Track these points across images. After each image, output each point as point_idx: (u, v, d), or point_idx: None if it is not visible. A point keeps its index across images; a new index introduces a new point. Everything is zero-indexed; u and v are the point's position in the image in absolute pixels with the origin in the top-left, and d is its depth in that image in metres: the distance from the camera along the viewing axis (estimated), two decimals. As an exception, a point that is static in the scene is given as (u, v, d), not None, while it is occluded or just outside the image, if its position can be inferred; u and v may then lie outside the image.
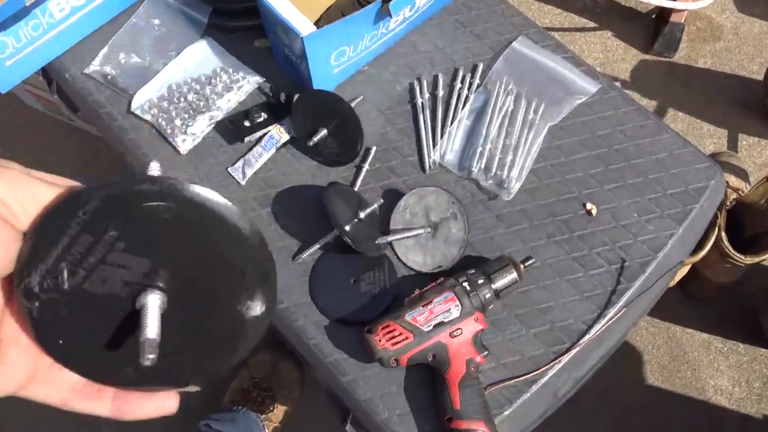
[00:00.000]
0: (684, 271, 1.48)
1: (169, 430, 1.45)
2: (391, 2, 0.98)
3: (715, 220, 1.37)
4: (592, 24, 1.88)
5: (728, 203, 1.46)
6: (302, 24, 0.95)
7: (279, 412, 1.44)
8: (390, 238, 0.93)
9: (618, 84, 1.72)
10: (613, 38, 1.86)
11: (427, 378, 0.90)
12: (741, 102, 1.76)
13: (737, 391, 1.46)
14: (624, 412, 1.44)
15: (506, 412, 0.88)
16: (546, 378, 0.90)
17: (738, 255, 1.38)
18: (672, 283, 1.46)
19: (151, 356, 0.33)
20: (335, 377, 0.92)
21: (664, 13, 1.81)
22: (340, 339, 0.93)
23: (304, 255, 0.97)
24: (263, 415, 1.42)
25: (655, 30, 1.84)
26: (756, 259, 1.37)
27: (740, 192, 1.55)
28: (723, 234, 1.38)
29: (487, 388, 0.89)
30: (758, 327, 1.50)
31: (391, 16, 1.01)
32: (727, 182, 1.55)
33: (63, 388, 0.38)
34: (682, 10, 1.73)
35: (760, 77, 1.74)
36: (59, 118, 1.74)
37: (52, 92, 1.18)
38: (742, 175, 1.60)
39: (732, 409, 1.44)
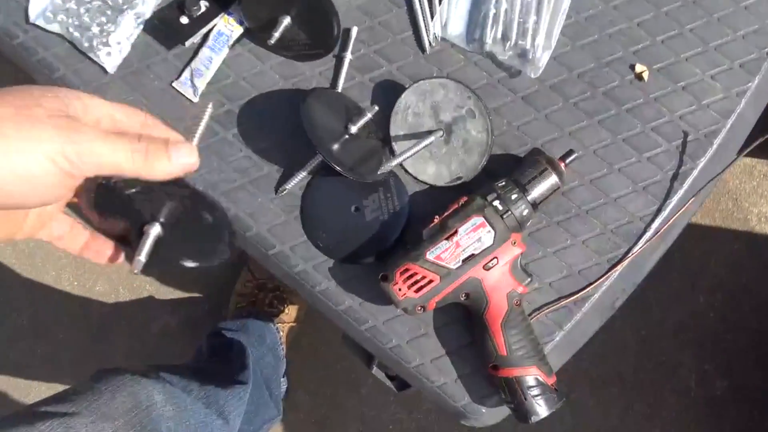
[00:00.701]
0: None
1: (177, 340, 1.37)
2: None
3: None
4: None
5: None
6: None
7: (291, 311, 1.34)
8: (393, 162, 0.73)
9: None
10: None
11: (462, 314, 0.76)
12: None
13: (784, 216, 1.34)
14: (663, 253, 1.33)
15: (556, 339, 0.76)
16: (600, 292, 0.76)
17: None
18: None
19: (136, 271, 0.51)
20: (353, 326, 0.78)
21: None
22: (351, 281, 0.77)
23: (289, 185, 0.78)
24: (275, 318, 1.32)
25: None
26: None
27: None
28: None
29: (533, 314, 0.75)
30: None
31: None
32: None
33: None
34: None
35: None
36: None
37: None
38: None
39: (778, 236, 1.33)
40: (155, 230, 0.53)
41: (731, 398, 1.32)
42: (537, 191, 0.71)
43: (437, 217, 0.72)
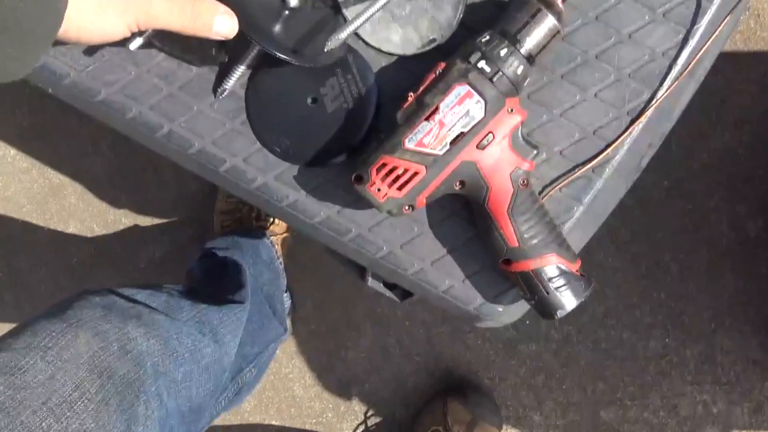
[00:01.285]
0: None
1: (168, 271, 1.28)
2: None
3: None
4: None
5: None
6: None
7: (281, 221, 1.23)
8: (345, 31, 0.57)
9: None
10: None
11: (461, 204, 0.63)
12: None
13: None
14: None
15: (576, 216, 0.63)
16: (623, 152, 0.62)
17: None
18: None
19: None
20: (334, 238, 0.65)
21: None
22: (323, 187, 0.64)
23: (228, 84, 0.63)
24: (267, 231, 1.20)
25: None
26: None
27: None
28: None
29: (543, 192, 0.62)
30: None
31: None
32: None
33: None
34: None
35: None
36: None
37: None
38: None
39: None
40: None
41: (766, 238, 1.21)
42: (531, 40, 0.56)
43: (411, 94, 0.58)
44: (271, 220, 1.22)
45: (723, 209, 1.22)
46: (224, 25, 0.54)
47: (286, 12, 0.59)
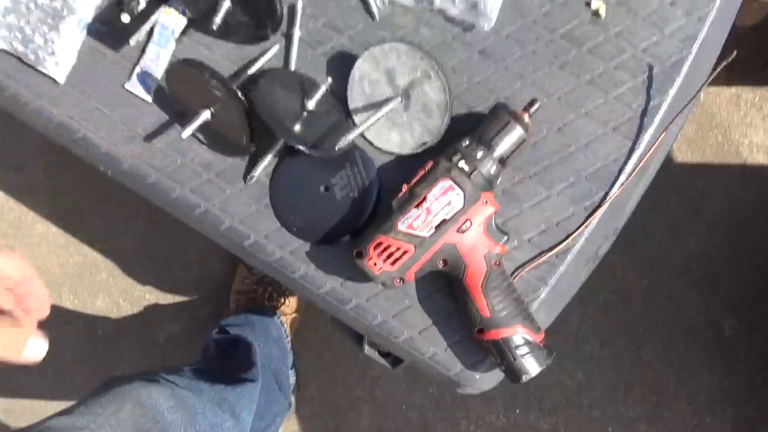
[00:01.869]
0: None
1: (184, 347, 1.37)
2: None
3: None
4: None
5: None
6: None
7: (291, 302, 1.33)
8: (353, 134, 0.72)
9: None
10: None
11: (445, 281, 0.74)
12: None
13: (776, 143, 1.30)
14: (656, 198, 1.31)
15: (542, 295, 0.74)
16: (581, 242, 0.74)
17: (768, -10, 1.13)
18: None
19: (183, 136, 0.73)
20: (337, 307, 0.76)
21: None
22: (330, 263, 0.76)
23: (256, 172, 0.76)
24: (277, 311, 1.31)
25: None
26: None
27: None
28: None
29: (514, 273, 0.73)
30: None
31: None
32: None
33: None
34: None
35: None
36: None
37: None
38: None
39: (771, 164, 1.30)
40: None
41: (741, 336, 1.30)
42: (502, 146, 0.69)
43: (405, 185, 0.70)
44: (282, 300, 1.33)
45: (700, 307, 1.31)
46: (34, 351, 0.55)
47: (305, 114, 0.73)
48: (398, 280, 0.70)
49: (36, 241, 1.46)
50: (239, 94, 0.71)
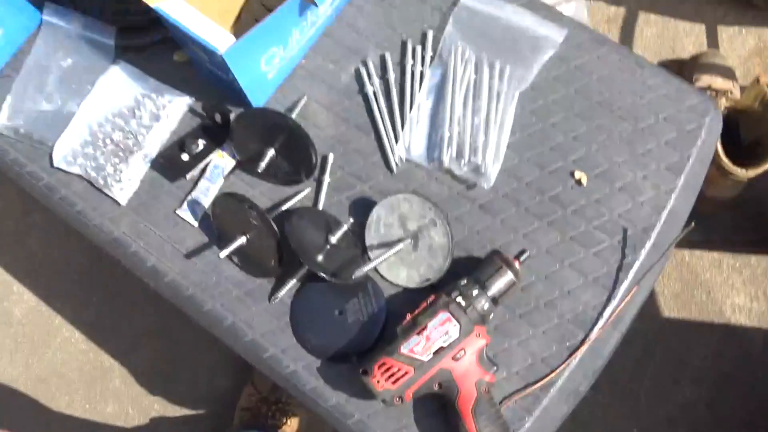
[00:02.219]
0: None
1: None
2: (314, -10, 0.85)
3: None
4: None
5: (720, 110, 1.36)
6: (218, 37, 0.82)
7: (293, 422, 1.39)
8: (368, 267, 0.84)
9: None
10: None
11: (439, 405, 0.82)
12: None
13: (756, 306, 1.40)
14: (643, 349, 1.39)
15: (527, 425, 0.82)
16: (563, 378, 0.83)
17: (738, 169, 1.29)
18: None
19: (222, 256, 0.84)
20: (340, 421, 0.84)
21: None
22: (337, 379, 0.85)
23: (281, 293, 0.87)
24: (279, 430, 1.36)
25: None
26: (758, 171, 1.29)
27: (729, 93, 1.44)
28: (720, 149, 1.29)
29: (502, 402, 0.82)
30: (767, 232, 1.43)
31: (316, 5, 0.87)
32: (711, 86, 1.45)
33: None
34: None
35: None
36: None
37: (-36, 157, 1.04)
38: (729, 74, 1.49)
39: (753, 326, 1.39)
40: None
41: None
42: (495, 287, 0.81)
43: (409, 314, 0.81)
44: (285, 420, 1.39)
45: (687, 458, 1.35)
46: None
47: (328, 247, 0.85)
48: (398, 399, 0.78)
49: (60, 344, 1.54)
50: (273, 225, 0.84)
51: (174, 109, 0.96)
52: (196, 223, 0.92)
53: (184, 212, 0.92)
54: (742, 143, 1.38)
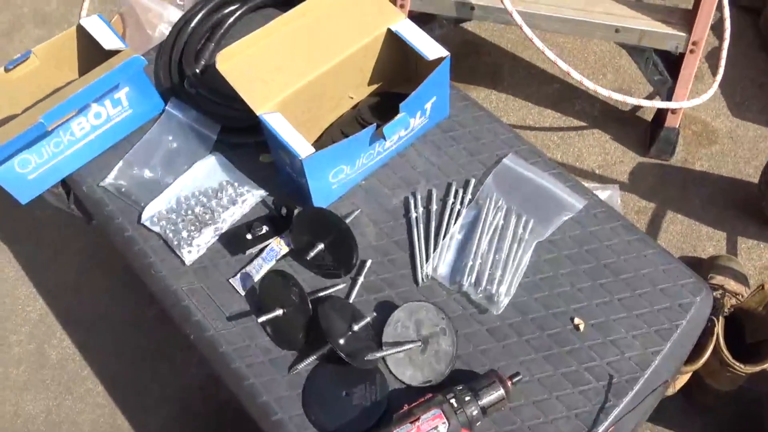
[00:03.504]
0: (686, 378, 1.48)
1: None
2: (385, 127, 1.05)
3: (713, 327, 1.38)
4: (590, 127, 1.95)
5: (727, 309, 1.47)
6: (302, 147, 1.02)
7: None
8: (380, 354, 0.96)
9: (617, 186, 1.77)
10: (611, 141, 1.92)
11: (416, 496, 0.90)
12: (738, 205, 1.79)
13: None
14: None
15: None
16: (534, 498, 0.90)
17: (738, 364, 1.37)
18: (674, 390, 1.46)
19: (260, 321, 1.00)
20: (325, 493, 0.92)
21: (659, 118, 1.87)
22: (331, 453, 0.94)
23: (300, 366, 0.99)
24: None
25: (651, 134, 1.90)
26: (757, 368, 1.37)
27: (740, 297, 1.55)
28: (722, 342, 1.39)
29: (475, 507, 0.89)
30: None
31: (385, 139, 1.08)
32: (724, 287, 1.57)
33: None
34: (677, 114, 1.80)
35: (756, 180, 1.78)
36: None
37: (69, 202, 1.25)
38: (742, 279, 1.61)
39: None
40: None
41: None
42: (486, 398, 0.91)
43: (407, 405, 0.91)
44: None
45: None
46: None
47: (350, 333, 0.98)
48: (381, 479, 0.87)
49: (82, 394, 1.65)
50: (309, 304, 0.98)
51: (249, 198, 1.15)
52: (243, 293, 1.07)
53: (236, 281, 1.08)
54: (745, 341, 1.47)
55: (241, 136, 1.20)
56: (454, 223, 1.10)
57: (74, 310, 1.75)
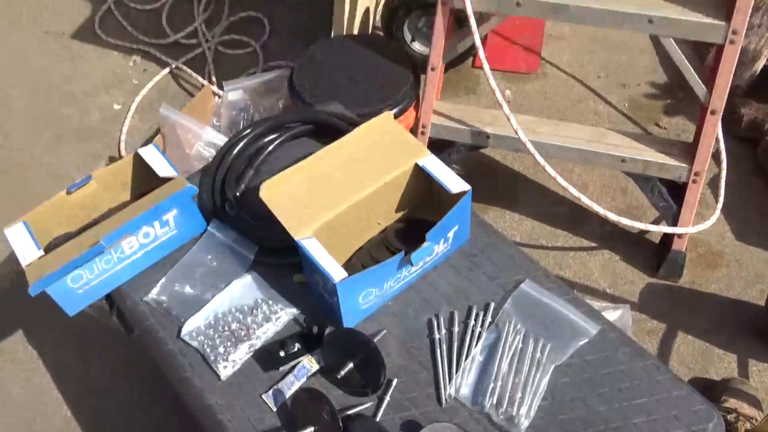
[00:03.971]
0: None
1: None
2: (413, 254, 1.14)
3: (728, 451, 1.40)
4: (600, 248, 2.04)
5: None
6: (335, 271, 1.11)
7: None
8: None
9: (628, 307, 1.84)
10: (621, 262, 2.01)
11: None
12: (746, 327, 1.84)
13: None
14: None
15: None
16: None
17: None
18: None
19: None
20: None
21: (666, 241, 1.97)
22: None
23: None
24: None
25: (659, 256, 1.99)
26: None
27: (754, 421, 1.58)
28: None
29: None
30: None
31: (412, 265, 1.17)
32: (738, 411, 1.60)
33: None
34: (683, 238, 1.89)
35: (762, 303, 1.84)
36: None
37: (112, 315, 1.33)
38: (755, 403, 1.64)
39: None
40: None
41: None
42: None
43: None
44: None
45: None
46: None
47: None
48: None
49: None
50: (340, 422, 1.03)
51: (283, 316, 1.23)
52: (275, 408, 1.12)
53: (268, 397, 1.14)
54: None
55: (277, 256, 1.30)
56: (476, 345, 1.17)
57: (100, 417, 1.79)
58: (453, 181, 1.22)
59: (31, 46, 2.77)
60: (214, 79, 2.52)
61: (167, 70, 2.59)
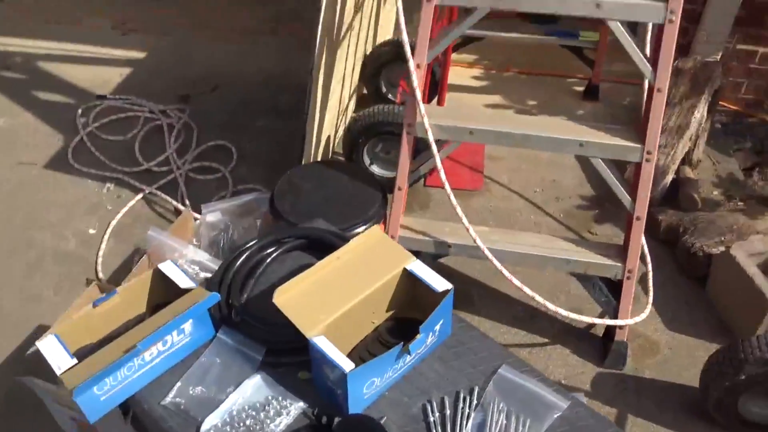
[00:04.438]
0: None
1: None
2: (411, 344, 1.33)
3: None
4: (552, 343, 2.27)
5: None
6: (345, 363, 1.27)
7: None
8: None
9: (582, 394, 2.05)
10: (571, 354, 2.23)
11: None
12: (686, 408, 2.07)
13: None
14: None
15: None
16: None
17: None
18: None
19: None
20: None
21: (609, 333, 2.22)
22: None
23: None
24: None
25: (604, 347, 2.23)
26: None
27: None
28: None
29: None
30: None
31: (410, 354, 1.35)
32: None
33: None
34: (624, 329, 2.14)
35: (697, 385, 2.09)
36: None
37: (126, 421, 1.42)
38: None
39: None
40: None
41: None
42: None
43: None
44: None
45: None
46: None
47: None
48: None
49: None
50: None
51: (292, 410, 1.36)
52: (293, 494, 1.24)
53: (287, 484, 1.25)
54: None
55: (283, 356, 1.45)
56: (466, 425, 1.34)
57: None
58: (437, 282, 1.43)
59: (4, 175, 2.90)
60: (187, 202, 2.71)
61: (141, 195, 2.77)
